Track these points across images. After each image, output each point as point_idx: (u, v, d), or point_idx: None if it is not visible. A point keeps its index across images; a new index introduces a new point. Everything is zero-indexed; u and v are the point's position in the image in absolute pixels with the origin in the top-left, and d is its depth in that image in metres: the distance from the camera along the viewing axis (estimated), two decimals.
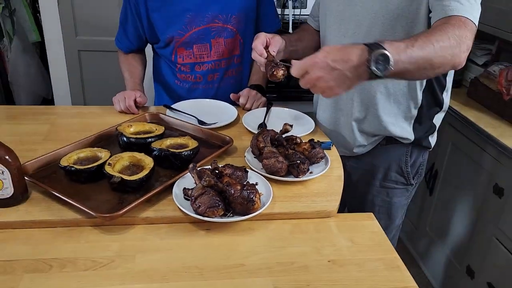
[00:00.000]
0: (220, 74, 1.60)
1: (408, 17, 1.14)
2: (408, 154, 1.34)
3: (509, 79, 1.79)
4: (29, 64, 2.32)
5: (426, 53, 0.90)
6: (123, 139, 1.15)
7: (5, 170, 0.92)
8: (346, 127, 1.34)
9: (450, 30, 0.95)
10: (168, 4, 1.48)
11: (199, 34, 1.51)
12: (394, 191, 1.38)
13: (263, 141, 1.13)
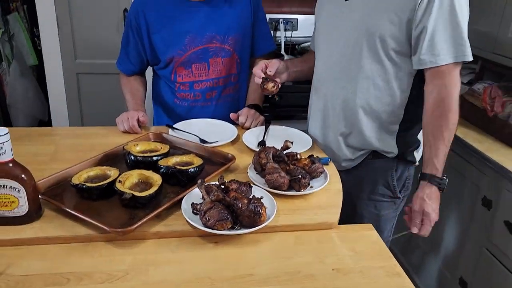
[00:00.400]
0: (218, 92, 1.66)
1: (392, 43, 1.24)
2: (394, 168, 1.41)
3: (492, 97, 1.89)
4: (27, 87, 2.36)
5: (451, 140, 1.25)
6: (130, 157, 1.19)
7: (21, 188, 0.95)
8: (334, 142, 1.42)
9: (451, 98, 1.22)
10: (168, 26, 1.55)
11: (198, 54, 1.58)
12: (381, 203, 1.45)
13: (265, 157, 1.18)
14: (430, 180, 1.25)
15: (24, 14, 2.62)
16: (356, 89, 1.33)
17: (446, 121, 1.22)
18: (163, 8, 1.56)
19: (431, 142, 1.24)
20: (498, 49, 1.90)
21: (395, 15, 1.21)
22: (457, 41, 1.19)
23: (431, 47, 1.19)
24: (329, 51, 1.39)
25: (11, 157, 0.95)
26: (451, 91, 1.21)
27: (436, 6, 1.16)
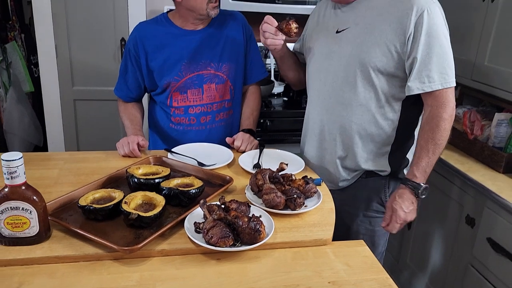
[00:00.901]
0: (212, 116, 1.73)
1: (384, 72, 1.36)
2: (387, 186, 1.51)
3: (471, 120, 2.00)
4: (23, 114, 2.41)
5: (437, 155, 1.36)
6: (134, 180, 1.25)
7: (32, 209, 1.00)
8: (331, 164, 1.51)
9: (442, 118, 1.33)
10: (165, 54, 1.64)
11: (193, 80, 1.66)
12: (376, 220, 1.53)
13: (262, 178, 1.25)
14: (405, 182, 1.38)
15: (21, 43, 2.70)
16: (352, 116, 1.43)
17: (433, 136, 1.34)
18: (160, 37, 1.65)
19: (417, 151, 1.38)
20: (475, 76, 2.03)
21: (387, 48, 1.33)
22: (443, 69, 1.31)
23: (421, 75, 1.31)
24: (323, 81, 1.49)
25: (24, 180, 1.00)
26: (442, 111, 1.33)
27: (423, 38, 1.28)
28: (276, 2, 2.48)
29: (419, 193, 1.36)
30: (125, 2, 2.20)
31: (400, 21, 1.30)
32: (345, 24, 1.43)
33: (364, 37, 1.36)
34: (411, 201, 1.37)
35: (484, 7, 1.96)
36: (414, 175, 1.36)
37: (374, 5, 1.37)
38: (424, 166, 1.36)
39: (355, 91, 1.41)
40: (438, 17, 1.30)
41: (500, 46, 1.89)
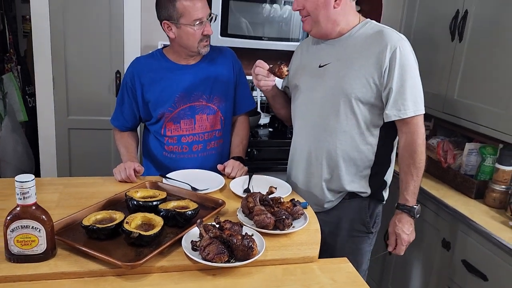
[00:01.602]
0: (204, 145, 1.83)
1: (364, 102, 1.51)
2: (367, 206, 1.64)
3: (445, 150, 2.16)
4: (17, 142, 2.47)
5: (420, 176, 1.55)
6: (133, 202, 1.33)
7: (41, 228, 1.08)
8: (317, 187, 1.64)
9: (417, 142, 1.51)
10: (160, 86, 1.75)
11: (186, 111, 1.77)
12: (358, 238, 1.66)
13: (253, 201, 1.36)
14: (401, 208, 1.56)
15: (17, 74, 2.79)
16: (337, 142, 1.57)
17: (413, 161, 1.52)
18: (155, 71, 1.76)
19: (403, 178, 1.55)
20: (447, 109, 2.20)
21: (366, 80, 1.49)
22: (416, 98, 1.49)
23: (397, 104, 1.48)
24: (310, 111, 1.63)
25: (35, 200, 1.08)
26: (416, 137, 1.51)
27: (397, 71, 1.46)
28: (262, 39, 2.65)
29: (415, 214, 1.54)
30: (121, 37, 2.33)
31: (376, 57, 1.47)
32: (326, 59, 1.58)
33: (345, 71, 1.52)
34: (410, 223, 1.56)
35: (453, 46, 2.15)
36: (406, 199, 1.54)
37: (353, 43, 1.54)
38: (413, 189, 1.54)
39: (338, 119, 1.55)
40: (408, 52, 1.49)
41: (467, 81, 2.07)
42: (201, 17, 1.64)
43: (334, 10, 1.50)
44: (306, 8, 1.52)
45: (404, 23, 2.64)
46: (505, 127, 1.83)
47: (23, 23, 3.07)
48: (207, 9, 1.67)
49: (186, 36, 1.67)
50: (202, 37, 1.68)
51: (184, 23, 1.64)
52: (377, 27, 1.54)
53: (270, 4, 2.61)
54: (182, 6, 1.62)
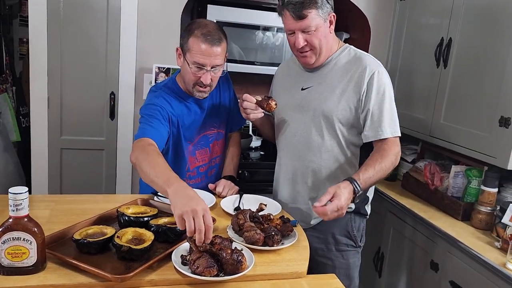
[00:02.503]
0: (217, 169, 1.87)
1: (345, 123, 1.58)
2: (352, 220, 1.68)
3: (432, 172, 2.20)
4: (8, 162, 2.48)
5: (378, 178, 1.48)
6: (124, 218, 1.35)
7: (33, 240, 1.09)
8: (304, 205, 1.68)
9: (392, 153, 1.51)
10: (186, 120, 1.70)
11: (200, 141, 1.78)
12: (347, 253, 1.69)
13: (243, 218, 1.38)
14: (350, 180, 1.42)
15: (12, 95, 2.83)
16: (321, 161, 1.62)
17: (381, 159, 1.48)
18: (182, 102, 1.69)
19: (365, 165, 1.48)
20: (433, 133, 2.26)
21: (346, 104, 1.56)
22: (392, 121, 1.54)
23: (374, 125, 1.54)
24: (294, 131, 1.68)
25: (27, 212, 1.09)
26: (390, 152, 1.52)
27: (374, 95, 1.53)
28: (254, 64, 2.72)
29: (356, 195, 1.41)
30: (117, 60, 2.38)
31: (356, 81, 1.55)
32: (309, 83, 1.65)
33: (326, 94, 1.59)
34: (349, 196, 1.39)
35: (438, 72, 2.23)
36: (359, 178, 1.43)
37: (334, 69, 1.61)
38: (368, 177, 1.44)
39: (322, 139, 1.61)
40: (385, 77, 1.56)
41: (453, 106, 2.14)
42: (202, 63, 1.56)
43: (330, 36, 1.58)
44: (309, 43, 1.54)
45: (392, 50, 2.73)
46: (489, 149, 1.89)
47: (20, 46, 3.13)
48: (215, 58, 1.57)
49: (184, 70, 1.64)
50: (198, 81, 1.61)
51: (187, 58, 1.59)
52: (355, 53, 1.62)
53: (263, 31, 2.69)
54: (191, 42, 1.56)
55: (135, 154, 1.45)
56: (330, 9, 1.53)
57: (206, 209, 1.18)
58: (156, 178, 1.32)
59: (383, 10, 2.74)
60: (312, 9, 1.48)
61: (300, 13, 1.48)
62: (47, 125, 2.31)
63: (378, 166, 1.48)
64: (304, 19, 1.49)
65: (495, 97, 1.87)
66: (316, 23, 1.50)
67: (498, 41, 1.88)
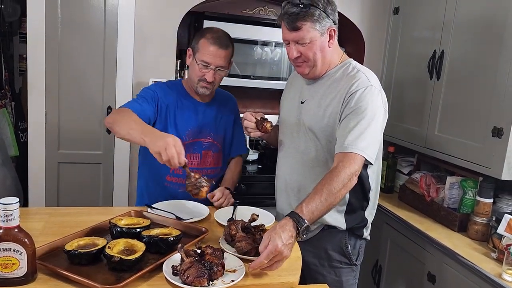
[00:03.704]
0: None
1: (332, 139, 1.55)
2: (346, 238, 1.64)
3: (427, 184, 2.20)
4: (6, 176, 2.49)
5: (329, 204, 1.34)
6: (116, 229, 1.35)
7: (23, 251, 1.09)
8: None
9: (345, 172, 1.37)
10: (182, 113, 1.80)
11: (193, 145, 1.81)
12: (341, 270, 1.65)
13: (235, 228, 1.38)
14: (291, 215, 1.28)
15: (11, 110, 2.85)
16: (312, 175, 1.59)
17: (330, 183, 1.34)
18: (180, 97, 1.82)
19: (311, 193, 1.34)
20: (428, 144, 2.26)
21: (332, 119, 1.54)
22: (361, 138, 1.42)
23: (340, 137, 1.47)
24: (288, 145, 1.70)
25: (18, 223, 1.10)
26: (346, 167, 1.38)
27: (350, 109, 1.47)
28: (251, 78, 2.75)
29: (300, 230, 1.26)
30: (114, 75, 2.41)
31: (340, 95, 1.52)
32: (306, 96, 1.66)
33: (315, 109, 1.59)
34: (291, 234, 1.24)
35: (432, 84, 2.25)
36: (302, 210, 1.29)
37: (326, 82, 1.61)
38: (313, 208, 1.30)
39: (314, 155, 1.60)
40: (372, 97, 1.47)
41: (447, 117, 2.15)
42: (209, 62, 1.71)
43: (328, 50, 1.56)
44: (303, 55, 1.53)
45: (386, 63, 2.76)
46: (483, 160, 1.89)
47: (20, 62, 3.17)
48: (221, 60, 1.72)
49: (192, 68, 1.78)
50: (203, 78, 1.74)
51: (196, 57, 1.74)
52: (353, 69, 1.57)
53: (261, 46, 2.73)
54: (202, 43, 1.72)
55: (112, 116, 1.62)
56: (330, 24, 1.52)
57: (175, 139, 1.41)
58: (132, 130, 1.49)
59: (376, 24, 2.78)
60: (307, 22, 1.48)
61: (294, 24, 1.49)
62: (44, 140, 2.32)
63: (326, 191, 1.33)
64: (298, 31, 1.49)
65: (487, 108, 1.89)
66: (311, 35, 1.50)
67: (489, 53, 1.90)
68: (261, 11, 2.93)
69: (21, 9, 2.95)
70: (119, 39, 2.39)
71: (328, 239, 1.64)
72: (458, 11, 2.10)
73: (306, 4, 1.47)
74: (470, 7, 2.04)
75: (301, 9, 1.47)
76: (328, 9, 1.50)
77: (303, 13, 1.47)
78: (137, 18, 2.41)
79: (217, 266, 1.16)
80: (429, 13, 2.33)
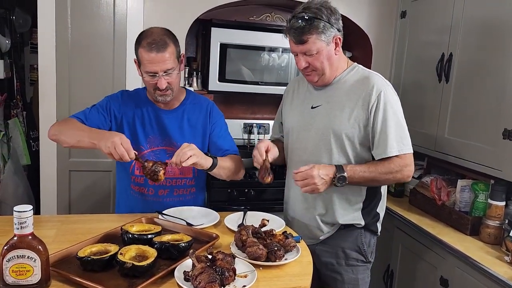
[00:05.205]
0: (170, 191, 1.79)
1: (354, 141, 1.59)
2: (362, 235, 1.68)
3: (438, 187, 2.19)
4: (18, 185, 2.52)
5: (373, 176, 1.54)
6: (128, 235, 1.36)
7: (37, 258, 1.10)
8: (313, 221, 1.68)
9: (394, 165, 1.54)
10: (138, 122, 1.75)
11: (156, 153, 1.77)
12: (357, 268, 1.69)
13: (246, 234, 1.38)
14: (336, 165, 1.53)
15: (23, 119, 2.90)
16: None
17: (381, 168, 1.54)
18: (139, 106, 1.77)
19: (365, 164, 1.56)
20: (438, 148, 2.25)
21: (355, 122, 1.58)
22: (400, 137, 1.56)
23: (380, 143, 1.56)
24: (303, 149, 1.70)
25: (32, 230, 1.12)
26: (392, 164, 1.55)
27: (381, 113, 1.55)
28: (259, 84, 2.76)
29: (337, 176, 1.50)
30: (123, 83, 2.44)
31: (363, 100, 1.57)
32: (318, 101, 1.67)
33: (335, 113, 1.61)
34: (328, 173, 1.49)
35: (440, 87, 2.25)
36: (347, 166, 1.53)
37: (342, 87, 1.63)
38: (357, 170, 1.53)
39: (331, 157, 1.62)
40: (392, 95, 1.59)
41: (456, 120, 2.14)
42: (154, 71, 1.61)
43: (335, 58, 1.60)
44: (311, 65, 1.58)
45: (394, 67, 2.76)
46: (494, 163, 1.88)
47: (31, 72, 3.22)
48: (164, 64, 1.61)
49: (143, 79, 1.69)
50: (156, 87, 1.65)
51: (141, 70, 1.66)
52: (363, 72, 1.65)
53: (268, 52, 2.74)
54: (140, 54, 1.62)
55: (55, 127, 1.68)
56: (335, 32, 1.55)
57: (121, 137, 1.50)
58: (80, 137, 1.58)
59: (384, 28, 2.78)
60: (313, 34, 1.52)
61: (300, 38, 1.53)
62: (56, 148, 2.35)
63: (373, 167, 1.53)
64: (305, 44, 1.53)
65: (497, 110, 1.87)
66: (318, 47, 1.54)
67: (497, 55, 1.90)
68: (268, 18, 2.95)
69: (32, 20, 3.00)
70: (128, 48, 2.41)
71: (345, 238, 1.67)
72: (466, 14, 2.10)
73: (311, 17, 1.50)
74: (478, 9, 2.03)
75: (306, 23, 1.50)
76: (332, 19, 1.54)
77: (308, 27, 1.51)
78: (145, 27, 2.43)
79: (229, 272, 1.17)
80: (436, 16, 2.33)
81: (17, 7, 2.95)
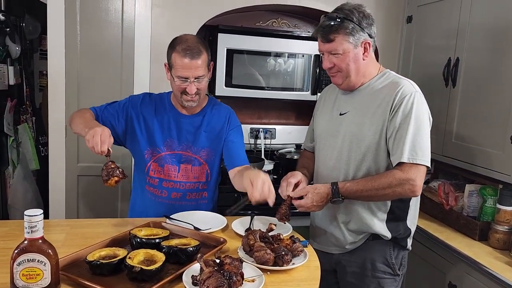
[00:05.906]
0: (183, 194, 1.82)
1: (378, 148, 1.56)
2: (391, 248, 1.63)
3: (446, 192, 2.18)
4: (27, 190, 2.55)
5: (368, 194, 1.51)
6: (136, 240, 1.37)
7: (47, 262, 1.11)
8: (337, 230, 1.66)
9: (392, 175, 1.48)
10: (155, 126, 1.79)
11: (172, 157, 1.80)
12: (384, 280, 1.64)
13: (253, 238, 1.39)
14: (332, 184, 1.54)
15: (32, 125, 2.93)
16: None
17: (378, 181, 1.49)
18: (160, 109, 1.82)
19: (364, 181, 1.52)
20: (446, 152, 2.24)
21: (376, 127, 1.55)
22: (415, 147, 1.48)
23: (393, 148, 1.51)
24: (330, 156, 1.68)
25: (42, 234, 1.13)
26: (395, 175, 1.48)
27: (399, 116, 1.50)
28: (265, 89, 2.77)
29: (332, 198, 1.53)
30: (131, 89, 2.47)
31: (386, 103, 1.54)
32: (346, 108, 1.66)
33: (361, 119, 1.59)
34: (323, 198, 1.53)
35: (447, 91, 2.24)
36: (343, 185, 1.52)
37: (368, 92, 1.61)
38: (354, 189, 1.51)
39: (357, 164, 1.59)
40: (418, 102, 1.51)
41: (463, 125, 2.14)
42: (185, 76, 1.65)
43: (363, 62, 1.59)
44: (337, 65, 1.57)
45: (401, 72, 2.75)
46: (503, 167, 1.87)
47: (40, 78, 3.26)
48: (197, 71, 1.66)
49: (172, 84, 1.74)
50: (185, 91, 1.69)
51: (172, 73, 1.69)
52: (394, 78, 1.61)
53: (274, 58, 2.75)
54: (174, 58, 1.67)
55: (72, 115, 1.79)
56: (366, 37, 1.55)
57: (104, 129, 1.52)
58: (80, 125, 1.64)
59: (390, 33, 2.78)
60: (340, 34, 1.53)
61: (327, 36, 1.55)
62: (64, 153, 2.37)
63: (370, 184, 1.50)
64: (331, 42, 1.55)
65: (505, 114, 1.87)
66: (344, 47, 1.54)
67: (505, 59, 1.89)
68: (274, 23, 2.96)
69: (42, 27, 3.04)
70: (136, 53, 2.44)
71: (373, 249, 1.63)
72: (472, 19, 2.10)
73: (341, 17, 1.52)
74: (484, 14, 2.03)
75: (335, 22, 1.52)
76: (363, 23, 1.54)
77: (336, 26, 1.52)
78: (153, 34, 2.47)
79: (236, 276, 1.17)
80: (443, 20, 2.33)
81: (27, 14, 3.00)
